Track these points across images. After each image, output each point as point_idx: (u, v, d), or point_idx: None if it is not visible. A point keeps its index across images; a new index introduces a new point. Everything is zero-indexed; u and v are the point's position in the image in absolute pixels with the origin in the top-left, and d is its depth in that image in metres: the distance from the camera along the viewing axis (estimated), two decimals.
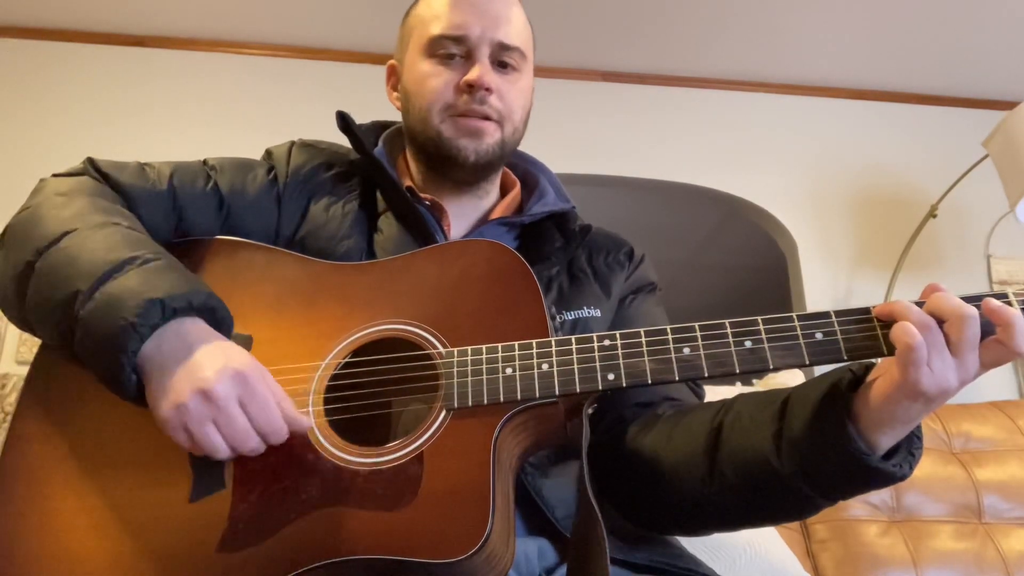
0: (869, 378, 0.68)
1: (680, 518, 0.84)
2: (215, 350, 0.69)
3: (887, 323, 0.66)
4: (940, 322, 0.64)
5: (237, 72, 2.55)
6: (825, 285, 2.53)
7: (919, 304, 0.66)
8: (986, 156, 2.21)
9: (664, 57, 2.65)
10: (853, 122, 2.74)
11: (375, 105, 1.08)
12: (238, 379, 0.68)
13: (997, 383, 2.41)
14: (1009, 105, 2.23)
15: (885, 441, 0.67)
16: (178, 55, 2.54)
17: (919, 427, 0.70)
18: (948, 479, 1.70)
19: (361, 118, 1.03)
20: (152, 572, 0.68)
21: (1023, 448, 1.76)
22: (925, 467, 1.71)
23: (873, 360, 0.69)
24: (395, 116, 1.06)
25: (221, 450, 0.68)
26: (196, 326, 0.71)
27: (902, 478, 0.69)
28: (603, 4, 2.40)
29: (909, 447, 0.70)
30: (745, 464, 0.75)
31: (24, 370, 2.16)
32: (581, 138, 2.63)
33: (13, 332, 2.23)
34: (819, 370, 0.86)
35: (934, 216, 2.37)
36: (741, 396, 0.82)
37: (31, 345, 2.23)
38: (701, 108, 2.72)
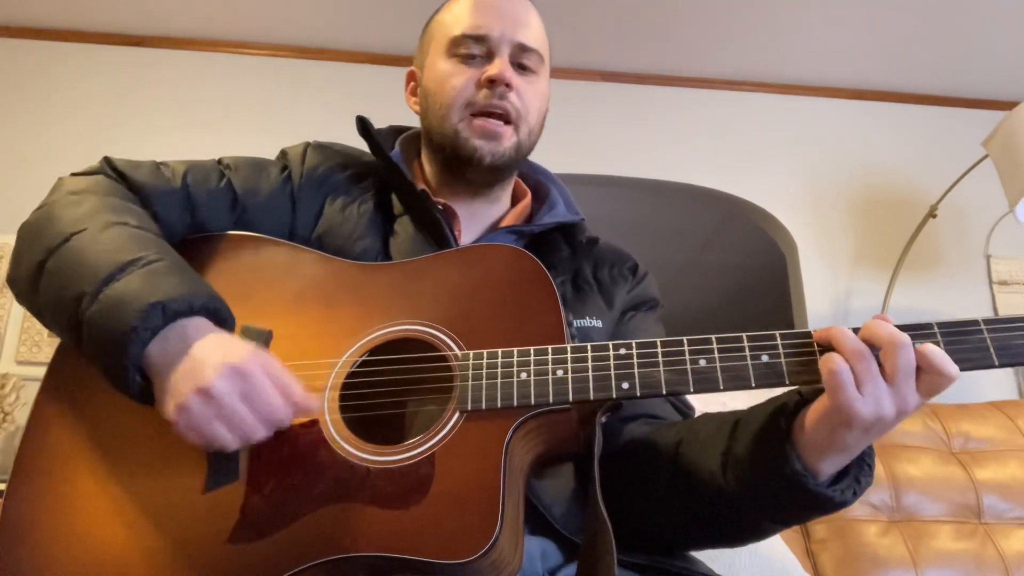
0: (814, 403, 0.68)
1: (641, 533, 0.84)
2: (214, 348, 0.70)
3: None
4: (876, 350, 0.64)
5: (237, 72, 2.55)
6: (825, 285, 2.54)
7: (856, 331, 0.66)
8: (986, 156, 2.22)
9: (664, 57, 2.65)
10: (853, 122, 2.75)
11: (375, 105, 1.09)
12: (237, 374, 0.68)
13: (997, 383, 2.42)
14: (1009, 105, 2.24)
15: (825, 467, 0.67)
16: (178, 55, 2.54)
17: (871, 455, 0.70)
18: (947, 479, 1.70)
19: (361, 116, 1.04)
20: (163, 559, 0.69)
21: (1023, 448, 1.76)
22: (925, 467, 1.72)
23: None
24: (401, 121, 1.07)
25: (231, 444, 0.69)
26: (198, 326, 0.71)
27: (843, 505, 0.68)
28: (603, 4, 2.40)
29: (858, 474, 0.70)
30: (696, 481, 0.76)
31: (24, 370, 2.17)
32: (581, 138, 2.63)
33: (13, 332, 2.23)
34: None
35: (934, 216, 2.37)
36: (704, 415, 0.83)
37: (31, 345, 2.23)
38: (701, 108, 2.73)
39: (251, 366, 0.69)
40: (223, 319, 0.74)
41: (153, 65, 2.52)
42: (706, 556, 0.91)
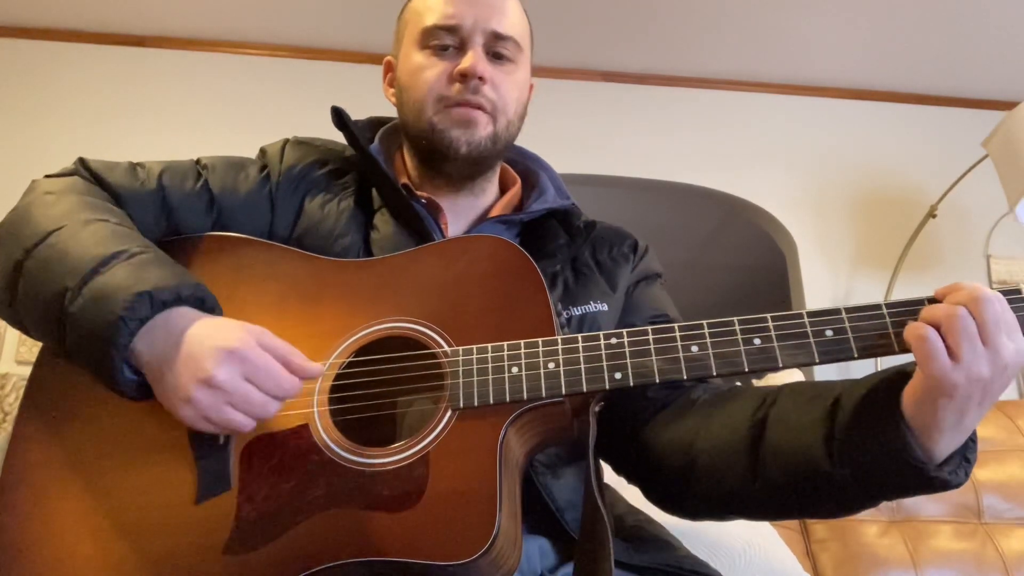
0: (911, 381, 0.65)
1: (713, 506, 0.82)
2: (205, 334, 0.69)
3: (899, 320, 0.64)
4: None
5: (237, 72, 2.55)
6: (825, 285, 2.53)
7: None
8: (986, 156, 2.22)
9: (664, 57, 2.65)
10: (853, 122, 2.75)
11: (375, 105, 1.07)
12: (234, 357, 0.67)
13: None
14: (1009, 105, 2.23)
15: (941, 448, 0.65)
16: (178, 55, 2.54)
17: (974, 431, 0.67)
18: None
19: (361, 117, 1.02)
20: (158, 573, 0.68)
21: (1023, 448, 1.76)
22: None
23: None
24: (393, 114, 1.06)
25: (246, 425, 0.69)
26: (184, 315, 0.71)
27: (957, 485, 0.66)
28: (603, 4, 2.40)
29: (964, 452, 0.67)
30: (794, 465, 0.72)
31: (24, 370, 2.17)
32: (581, 138, 2.63)
33: (13, 332, 2.23)
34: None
35: (934, 216, 2.37)
36: (785, 388, 0.79)
37: (31, 345, 2.23)
38: (701, 108, 2.72)
39: (247, 345, 0.68)
40: (210, 309, 0.73)
41: (153, 65, 2.52)
42: (705, 556, 0.90)
